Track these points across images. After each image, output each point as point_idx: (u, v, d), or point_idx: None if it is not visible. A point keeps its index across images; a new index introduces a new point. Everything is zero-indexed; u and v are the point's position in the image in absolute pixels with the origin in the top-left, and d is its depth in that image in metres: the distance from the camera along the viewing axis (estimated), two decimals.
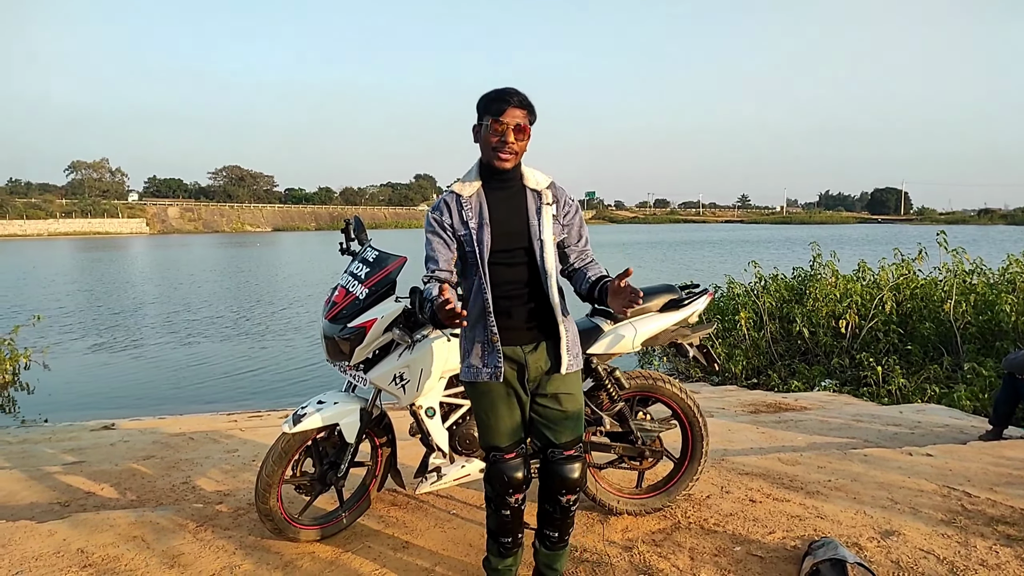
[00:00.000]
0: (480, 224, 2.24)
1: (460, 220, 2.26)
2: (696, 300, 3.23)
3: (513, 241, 2.27)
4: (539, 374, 2.31)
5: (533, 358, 2.30)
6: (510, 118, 2.17)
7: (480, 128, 2.24)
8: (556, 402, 2.32)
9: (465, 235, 2.25)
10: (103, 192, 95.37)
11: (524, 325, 2.30)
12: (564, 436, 2.32)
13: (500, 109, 2.17)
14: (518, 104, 2.18)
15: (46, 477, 4.14)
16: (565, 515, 2.38)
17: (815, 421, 5.54)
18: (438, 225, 2.29)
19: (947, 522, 3.09)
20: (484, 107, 2.21)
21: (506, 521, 2.36)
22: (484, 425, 2.34)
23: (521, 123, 2.19)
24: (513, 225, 2.27)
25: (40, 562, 2.74)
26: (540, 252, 2.27)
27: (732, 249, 41.82)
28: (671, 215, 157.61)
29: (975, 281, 8.91)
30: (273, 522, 2.84)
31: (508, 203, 2.29)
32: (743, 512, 3.20)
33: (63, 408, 8.37)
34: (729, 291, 10.66)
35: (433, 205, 2.35)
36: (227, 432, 5.41)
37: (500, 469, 2.29)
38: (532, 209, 2.29)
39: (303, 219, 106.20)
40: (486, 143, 2.23)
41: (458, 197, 2.29)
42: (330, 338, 2.89)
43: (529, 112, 2.21)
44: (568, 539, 2.47)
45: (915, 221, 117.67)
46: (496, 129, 2.18)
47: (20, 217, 77.09)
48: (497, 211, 2.27)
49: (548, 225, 2.29)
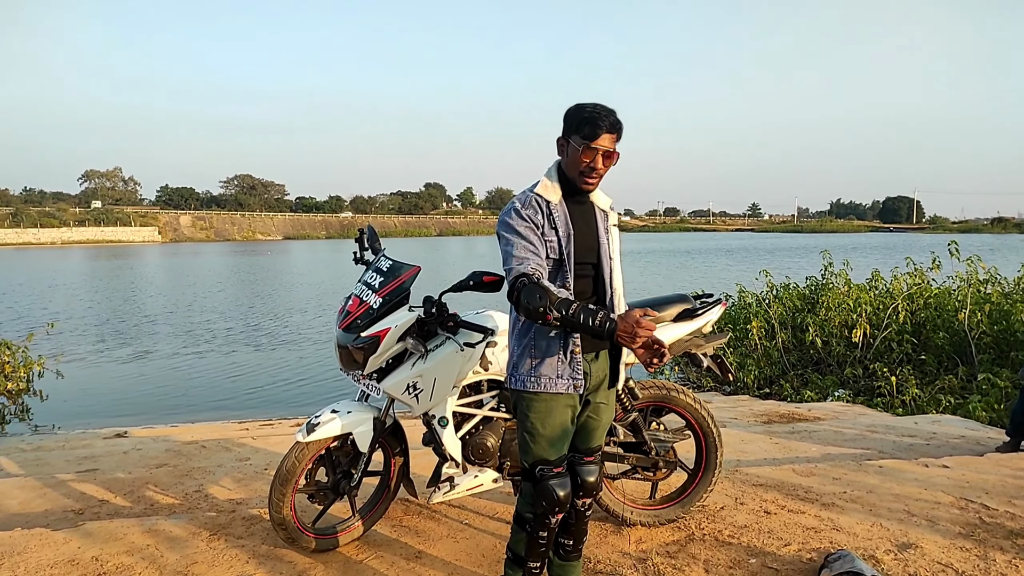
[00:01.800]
0: (568, 234, 2.24)
1: (549, 226, 2.22)
2: (710, 310, 3.22)
3: (587, 256, 2.30)
4: (597, 383, 2.34)
5: (595, 367, 2.31)
6: (602, 144, 2.14)
7: (567, 144, 2.20)
8: (596, 411, 2.37)
9: (553, 243, 2.21)
10: (116, 200, 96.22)
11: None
12: (591, 443, 2.39)
13: (593, 134, 2.12)
14: (609, 128, 2.14)
15: (60, 485, 4.17)
16: (580, 520, 2.41)
17: (829, 432, 5.50)
18: (532, 222, 2.18)
19: (965, 535, 3.06)
20: (575, 127, 2.15)
21: (540, 544, 2.32)
22: (535, 436, 2.23)
23: (611, 149, 2.17)
24: (588, 241, 2.30)
25: (55, 570, 2.75)
26: (609, 270, 2.33)
27: (744, 258, 41.70)
28: (681, 223, 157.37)
29: (990, 290, 8.83)
30: (286, 531, 2.84)
31: (584, 218, 2.30)
32: (758, 524, 3.18)
33: (76, 416, 8.41)
34: (740, 300, 10.61)
35: (521, 200, 2.22)
36: (239, 440, 5.42)
37: (550, 487, 2.21)
38: (602, 227, 2.34)
39: (313, 227, 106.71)
40: (574, 163, 2.19)
41: (548, 202, 2.23)
42: (344, 347, 2.90)
43: (619, 134, 2.19)
44: (582, 549, 2.49)
45: (927, 230, 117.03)
46: (587, 154, 2.15)
47: (34, 226, 77.89)
48: (576, 223, 2.27)
49: (616, 245, 2.38)
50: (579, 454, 2.36)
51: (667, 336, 3.12)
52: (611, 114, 2.16)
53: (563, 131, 2.22)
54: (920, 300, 9.03)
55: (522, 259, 2.11)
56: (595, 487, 2.36)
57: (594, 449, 2.39)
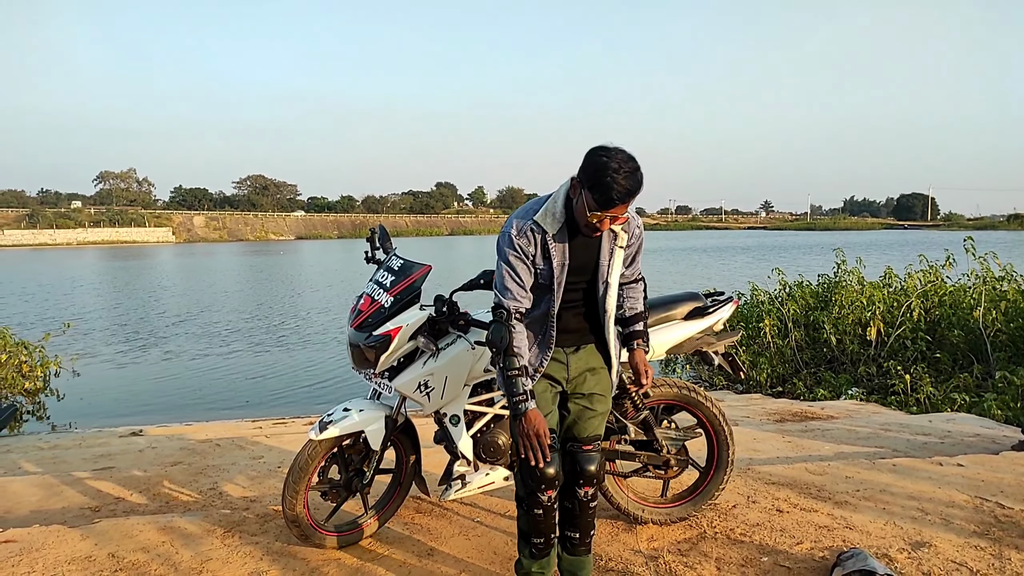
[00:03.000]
0: (561, 265, 2.28)
1: (543, 256, 2.26)
2: (721, 308, 3.22)
3: (582, 275, 2.35)
4: (577, 373, 2.42)
5: (575, 359, 2.42)
6: (612, 212, 2.11)
7: (580, 190, 2.15)
8: (590, 402, 2.43)
9: (544, 271, 2.28)
10: (130, 201, 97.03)
11: (572, 330, 2.41)
12: (587, 432, 2.42)
13: (606, 204, 2.08)
14: (625, 199, 2.09)
15: (76, 483, 4.21)
16: (584, 511, 2.43)
17: (842, 430, 5.47)
18: (523, 252, 2.26)
19: (980, 534, 3.03)
20: (590, 185, 2.09)
21: (538, 520, 2.39)
22: None
23: (621, 215, 2.15)
24: (585, 261, 2.33)
25: (73, 566, 2.79)
26: (603, 293, 2.37)
27: (759, 255, 41.51)
28: (693, 221, 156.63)
29: (1005, 288, 8.73)
30: (299, 528, 2.87)
31: (586, 243, 2.32)
32: (770, 522, 3.17)
33: (92, 414, 8.51)
34: (753, 298, 10.56)
35: (517, 228, 2.26)
36: (253, 439, 5.47)
37: (535, 467, 2.31)
38: (606, 251, 2.33)
39: (326, 227, 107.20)
40: (581, 215, 2.17)
41: (544, 234, 2.25)
42: (356, 346, 2.92)
43: (633, 199, 2.14)
44: (589, 544, 2.50)
45: (942, 227, 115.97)
46: (594, 217, 2.12)
47: (50, 226, 78.74)
48: (575, 250, 2.30)
49: (617, 268, 2.37)
50: (577, 443, 2.42)
51: (678, 334, 3.12)
52: (629, 181, 2.07)
53: (579, 175, 2.15)
54: (935, 298, 8.96)
55: (506, 290, 2.28)
56: (595, 475, 2.38)
57: (592, 438, 2.42)
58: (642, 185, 2.12)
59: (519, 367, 2.23)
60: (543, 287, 2.32)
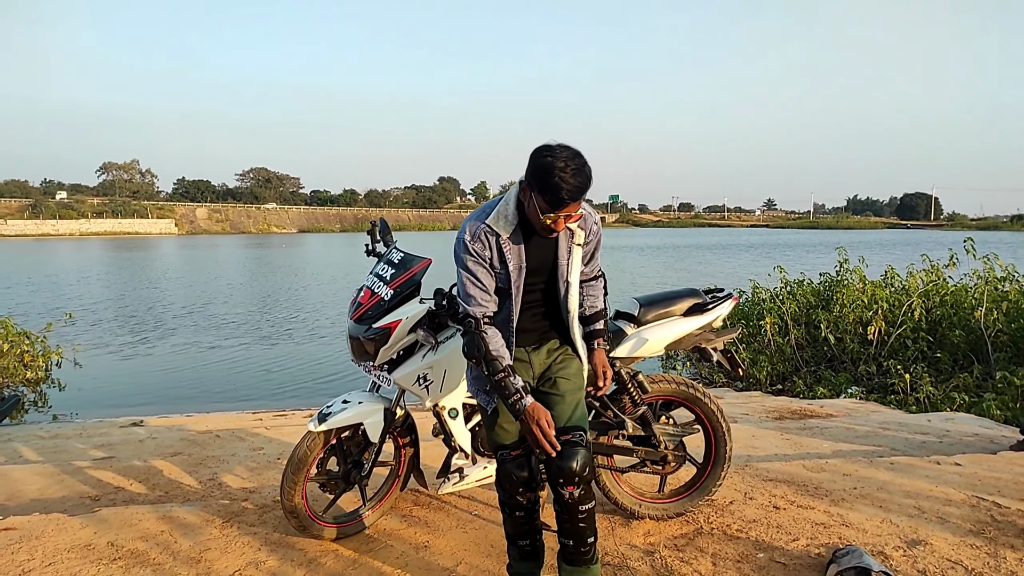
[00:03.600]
0: (518, 267, 2.26)
1: (499, 260, 2.25)
2: (720, 304, 3.22)
3: (540, 276, 2.33)
4: (542, 369, 2.42)
5: (536, 356, 2.42)
6: (564, 212, 2.09)
7: (530, 193, 2.12)
8: (554, 386, 2.37)
9: (502, 274, 2.27)
10: (133, 193, 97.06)
11: (532, 329, 2.40)
12: (561, 419, 2.28)
13: (556, 204, 2.06)
14: (574, 198, 2.06)
15: (77, 472, 4.23)
16: (574, 515, 2.27)
17: (841, 428, 5.48)
18: (480, 256, 2.25)
19: (976, 532, 3.04)
20: (538, 188, 2.07)
21: (521, 522, 2.38)
22: (491, 425, 2.39)
23: (574, 213, 2.12)
24: (542, 261, 2.31)
25: (72, 554, 2.80)
26: (564, 292, 2.34)
27: (763, 253, 41.48)
28: (695, 219, 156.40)
29: (1007, 288, 8.73)
30: (298, 519, 2.88)
31: (542, 243, 2.30)
32: (766, 518, 3.18)
33: (93, 405, 8.53)
34: (754, 296, 10.56)
35: (470, 233, 2.25)
36: (252, 430, 5.48)
37: (507, 469, 2.33)
38: (563, 250, 2.31)
39: (328, 221, 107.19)
40: (533, 217, 2.15)
41: (498, 237, 2.23)
42: (355, 338, 2.93)
43: (584, 195, 2.11)
44: (588, 553, 2.33)
45: (945, 227, 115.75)
46: (547, 218, 2.10)
47: (53, 217, 78.81)
48: (531, 250, 2.28)
49: (577, 267, 2.34)
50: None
51: (677, 330, 3.12)
52: (576, 178, 2.04)
53: (527, 178, 2.11)
54: (936, 297, 8.95)
55: (470, 297, 2.26)
56: (577, 474, 2.21)
57: (568, 428, 2.27)
58: (591, 180, 2.09)
59: (504, 368, 2.20)
60: (502, 291, 2.30)
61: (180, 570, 2.70)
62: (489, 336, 2.23)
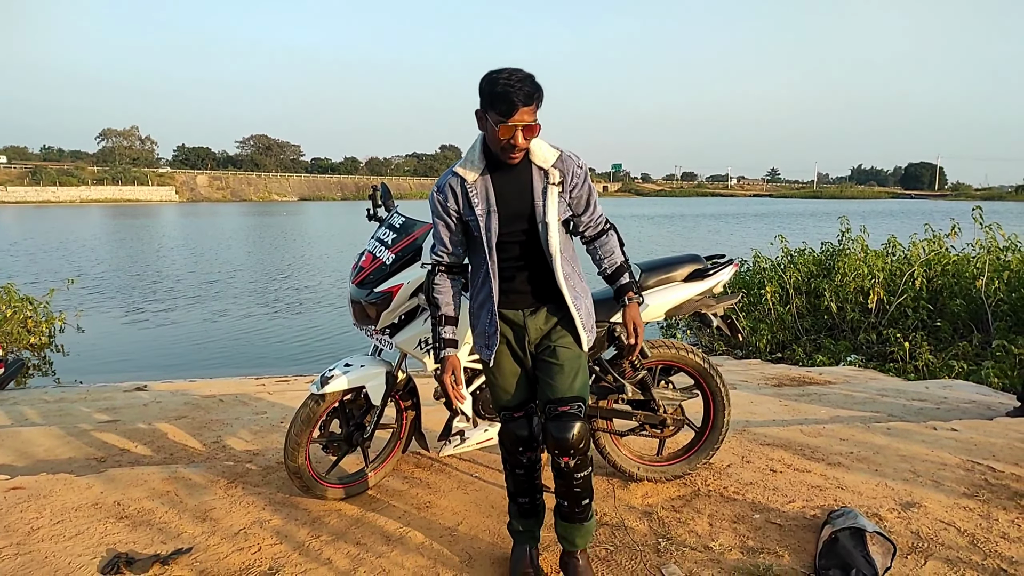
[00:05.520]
0: (488, 211, 2.22)
1: (467, 205, 2.23)
2: (721, 270, 3.22)
3: (519, 223, 2.25)
4: (539, 335, 2.35)
5: (532, 320, 2.34)
6: (519, 118, 2.04)
7: (485, 118, 2.11)
8: (553, 355, 2.31)
9: (472, 221, 2.24)
10: (133, 160, 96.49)
11: (526, 290, 2.33)
12: (560, 390, 2.27)
13: (508, 111, 2.03)
14: (525, 101, 2.02)
15: (82, 434, 4.28)
16: (569, 481, 2.30)
17: (839, 395, 5.52)
18: (442, 208, 2.28)
19: (969, 495, 3.08)
20: (489, 102, 2.06)
21: (521, 480, 2.43)
22: (494, 388, 2.43)
23: (530, 121, 2.06)
24: (518, 207, 2.24)
25: (79, 512, 2.85)
26: (544, 234, 2.24)
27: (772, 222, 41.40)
28: (699, 188, 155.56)
29: (1009, 258, 8.72)
30: (301, 479, 2.92)
31: (514, 183, 2.23)
32: (763, 481, 3.22)
33: (96, 370, 8.60)
34: (755, 265, 10.56)
35: (437, 184, 2.30)
36: (256, 395, 5.53)
37: (508, 429, 2.39)
38: (538, 190, 2.23)
39: (329, 189, 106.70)
40: (493, 140, 2.11)
41: (462, 181, 2.22)
42: (357, 303, 2.94)
43: (538, 102, 2.07)
44: (583, 513, 2.36)
45: (949, 197, 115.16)
46: (504, 132, 2.05)
47: (53, 184, 78.47)
48: (503, 194, 2.23)
49: (553, 206, 2.23)
50: (553, 405, 2.27)
51: (677, 296, 3.13)
52: (525, 84, 2.02)
53: (480, 103, 2.11)
54: (938, 267, 8.95)
55: (433, 245, 2.41)
56: (573, 445, 2.22)
57: (566, 399, 2.26)
58: (539, 88, 2.06)
59: (438, 317, 2.37)
60: (479, 240, 2.26)
61: (186, 528, 2.75)
62: (436, 283, 2.39)
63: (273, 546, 2.63)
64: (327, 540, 2.68)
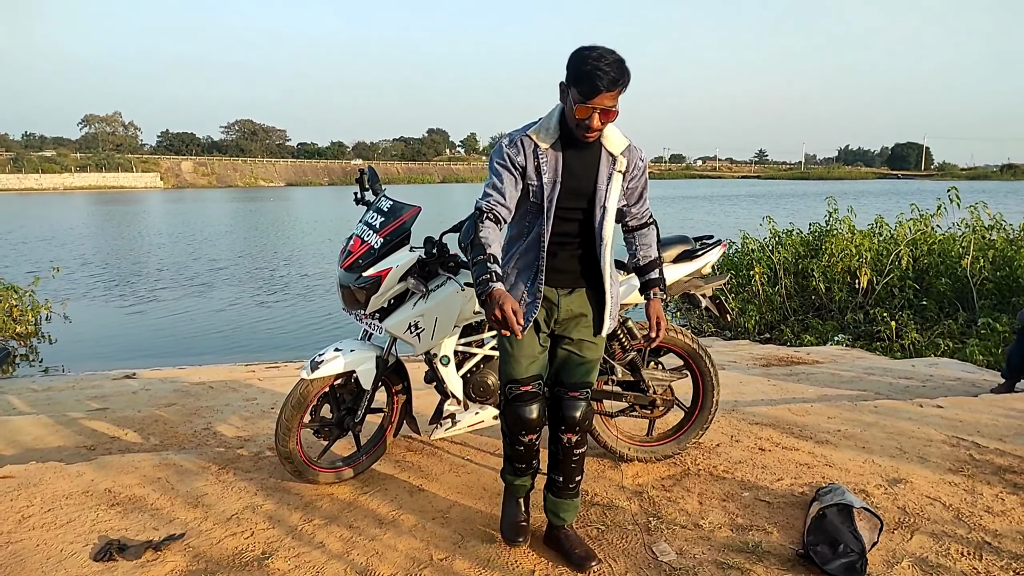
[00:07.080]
0: (553, 181, 2.21)
1: (534, 170, 2.22)
2: (709, 251, 3.24)
3: (578, 201, 2.26)
4: (568, 317, 2.36)
5: (567, 301, 2.34)
6: (599, 102, 2.04)
7: (567, 93, 2.12)
8: (579, 348, 2.38)
9: (536, 187, 2.22)
10: (117, 146, 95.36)
11: (568, 270, 2.34)
12: (574, 378, 2.39)
13: (589, 92, 2.03)
14: (609, 86, 2.02)
15: (72, 423, 4.26)
16: (568, 457, 2.41)
17: (826, 374, 5.57)
18: (510, 161, 2.22)
19: (955, 471, 3.13)
20: (573, 79, 2.06)
21: (520, 452, 2.44)
22: (506, 355, 2.36)
23: (610, 106, 2.06)
24: (582, 186, 2.25)
25: (70, 500, 2.85)
26: (600, 219, 2.27)
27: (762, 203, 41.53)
28: (687, 170, 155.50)
29: (994, 237, 8.80)
30: (293, 464, 2.93)
31: (582, 161, 2.25)
32: (752, 460, 3.26)
33: (84, 358, 8.53)
34: (744, 246, 10.60)
35: (508, 138, 2.26)
36: (246, 382, 5.52)
37: (514, 408, 2.34)
38: (604, 174, 2.26)
39: (316, 174, 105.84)
40: (571, 116, 2.12)
41: (536, 146, 2.21)
42: (346, 287, 2.93)
43: (622, 88, 2.07)
44: (575, 489, 2.48)
45: (936, 177, 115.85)
46: (582, 112, 2.07)
47: (36, 171, 77.45)
48: (570, 169, 2.23)
49: (615, 193, 2.28)
50: (564, 388, 2.39)
51: (667, 276, 3.14)
52: (612, 69, 2.02)
53: (566, 77, 2.11)
54: (924, 246, 9.03)
55: (486, 194, 2.24)
56: (579, 423, 2.36)
57: (579, 385, 2.39)
58: (628, 75, 2.06)
59: (486, 254, 2.13)
60: (535, 207, 2.25)
61: (179, 514, 2.75)
62: (484, 226, 2.18)
63: (266, 530, 2.64)
64: (320, 524, 2.69)
